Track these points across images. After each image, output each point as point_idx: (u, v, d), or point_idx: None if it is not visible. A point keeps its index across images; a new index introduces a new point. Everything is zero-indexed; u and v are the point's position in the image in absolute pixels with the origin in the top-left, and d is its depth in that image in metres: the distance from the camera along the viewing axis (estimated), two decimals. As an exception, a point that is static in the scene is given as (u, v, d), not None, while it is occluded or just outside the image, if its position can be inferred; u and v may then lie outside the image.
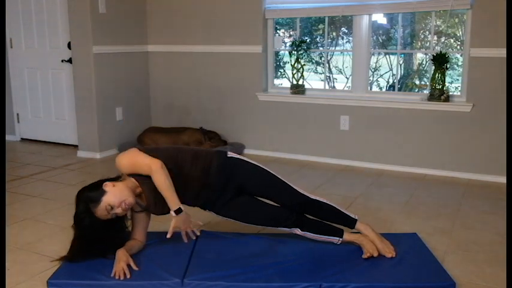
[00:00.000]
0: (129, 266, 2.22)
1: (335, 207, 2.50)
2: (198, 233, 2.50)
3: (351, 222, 2.50)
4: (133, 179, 2.32)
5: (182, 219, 2.34)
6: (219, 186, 2.40)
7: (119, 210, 2.22)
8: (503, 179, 3.83)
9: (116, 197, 2.21)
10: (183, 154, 2.42)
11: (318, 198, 2.50)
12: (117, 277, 2.15)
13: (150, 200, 2.34)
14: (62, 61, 5.02)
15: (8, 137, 5.46)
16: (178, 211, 2.31)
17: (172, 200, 2.29)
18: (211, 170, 2.40)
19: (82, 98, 4.73)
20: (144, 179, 2.31)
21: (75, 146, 4.99)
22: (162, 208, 2.37)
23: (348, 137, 4.43)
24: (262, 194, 2.48)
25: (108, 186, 2.24)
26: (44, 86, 5.26)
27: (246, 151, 4.85)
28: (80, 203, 2.24)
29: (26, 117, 5.47)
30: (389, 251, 2.40)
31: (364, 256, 2.37)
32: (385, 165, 4.29)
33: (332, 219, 2.51)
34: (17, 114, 5.50)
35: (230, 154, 2.51)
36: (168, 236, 2.33)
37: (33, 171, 4.24)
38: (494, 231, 2.89)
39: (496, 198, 3.51)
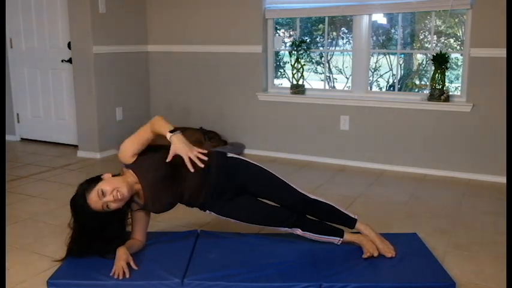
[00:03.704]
0: (128, 265, 2.22)
1: (335, 207, 2.50)
2: (206, 158, 2.28)
3: (350, 222, 2.50)
4: (132, 173, 2.31)
5: (180, 138, 2.27)
6: (218, 187, 2.40)
7: (110, 198, 2.19)
8: (503, 179, 3.83)
9: (109, 184, 2.22)
10: None
11: (317, 198, 2.49)
12: (116, 276, 2.15)
13: (147, 196, 2.33)
14: (62, 61, 5.02)
15: (8, 137, 5.46)
16: (173, 131, 2.27)
17: (165, 126, 2.29)
18: (210, 171, 2.39)
19: (82, 98, 4.73)
20: (143, 173, 2.31)
21: (75, 146, 4.99)
22: (159, 205, 2.36)
23: (348, 137, 4.43)
24: (262, 194, 2.48)
25: (106, 176, 2.29)
26: (44, 86, 5.26)
27: (246, 151, 4.85)
28: (79, 189, 2.28)
29: (26, 117, 5.47)
30: (389, 251, 2.40)
31: (364, 256, 2.37)
32: (385, 165, 4.29)
33: (332, 219, 2.51)
34: (17, 114, 5.50)
35: (230, 154, 2.51)
36: (168, 159, 2.26)
37: (33, 171, 4.24)
38: (494, 231, 2.89)
39: (496, 198, 3.51)
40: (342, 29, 5.99)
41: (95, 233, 2.29)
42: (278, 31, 5.59)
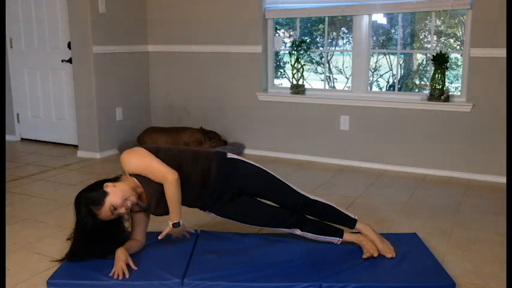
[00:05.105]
0: (128, 265, 2.22)
1: (335, 208, 2.50)
2: (189, 236, 2.53)
3: (351, 223, 2.50)
4: (135, 179, 2.31)
5: (177, 231, 2.38)
6: (218, 187, 2.40)
7: (122, 210, 2.23)
8: (503, 179, 3.83)
9: (118, 197, 2.21)
10: (184, 154, 2.41)
11: (317, 198, 2.50)
12: (115, 277, 2.15)
13: (152, 201, 2.34)
14: (62, 61, 5.02)
15: (8, 137, 5.46)
16: (176, 225, 2.33)
17: (176, 213, 2.31)
18: (211, 171, 2.39)
19: (82, 97, 4.73)
20: (147, 180, 2.31)
21: (75, 146, 4.99)
22: (162, 210, 2.37)
23: (348, 137, 4.43)
24: (262, 194, 2.48)
25: (109, 187, 2.23)
26: (44, 86, 5.26)
27: (246, 151, 4.85)
28: (82, 206, 2.22)
29: (26, 117, 5.47)
30: (389, 251, 2.40)
31: (364, 256, 2.37)
32: (385, 165, 4.29)
33: (332, 219, 2.51)
34: (17, 114, 5.50)
35: (230, 155, 2.51)
36: (160, 237, 2.36)
37: (33, 171, 4.24)
38: (494, 231, 2.89)
39: (496, 198, 3.51)
40: (342, 29, 5.99)
41: (97, 238, 2.28)
42: (278, 31, 5.59)
